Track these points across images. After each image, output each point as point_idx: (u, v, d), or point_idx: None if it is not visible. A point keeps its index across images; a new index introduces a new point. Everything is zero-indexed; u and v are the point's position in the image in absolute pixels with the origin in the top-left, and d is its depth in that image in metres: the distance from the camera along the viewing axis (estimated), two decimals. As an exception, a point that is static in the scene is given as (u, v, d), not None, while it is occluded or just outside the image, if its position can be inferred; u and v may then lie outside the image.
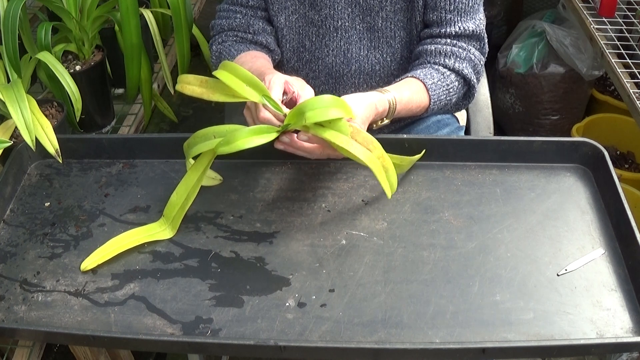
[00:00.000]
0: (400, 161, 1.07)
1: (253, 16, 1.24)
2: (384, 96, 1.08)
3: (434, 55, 1.17)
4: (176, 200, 1.02)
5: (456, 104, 1.22)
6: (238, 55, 1.21)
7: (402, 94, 1.10)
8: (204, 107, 2.66)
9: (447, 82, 1.15)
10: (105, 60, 1.44)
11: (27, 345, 1.08)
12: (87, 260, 0.97)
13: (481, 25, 1.19)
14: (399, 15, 1.19)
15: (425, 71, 1.15)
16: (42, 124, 1.12)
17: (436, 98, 1.14)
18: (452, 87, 1.16)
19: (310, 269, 0.96)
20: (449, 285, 0.93)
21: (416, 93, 1.12)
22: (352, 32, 1.21)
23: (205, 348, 0.88)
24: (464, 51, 1.17)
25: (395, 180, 1.02)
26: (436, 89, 1.13)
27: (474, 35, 1.19)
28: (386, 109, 1.08)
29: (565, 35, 2.11)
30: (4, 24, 1.18)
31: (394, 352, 0.84)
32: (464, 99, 1.22)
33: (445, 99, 1.15)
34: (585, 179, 1.10)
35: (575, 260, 0.96)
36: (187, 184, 1.03)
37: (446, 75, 1.16)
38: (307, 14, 1.21)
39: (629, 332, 0.87)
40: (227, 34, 1.25)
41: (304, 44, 1.23)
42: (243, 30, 1.24)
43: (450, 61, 1.16)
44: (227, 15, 1.26)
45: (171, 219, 1.02)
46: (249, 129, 0.98)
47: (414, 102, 1.12)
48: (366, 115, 1.04)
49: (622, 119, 2.13)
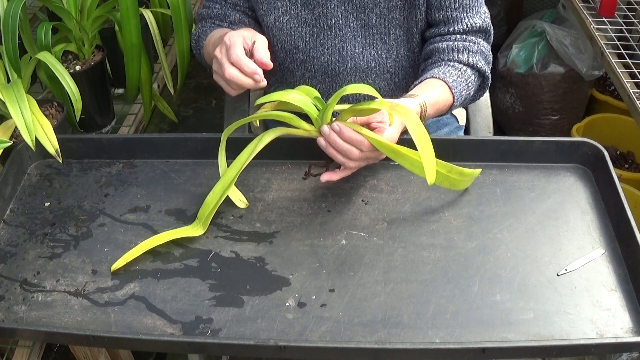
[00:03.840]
0: (460, 175, 1.04)
1: (231, 8, 1.28)
2: (414, 101, 1.07)
3: (447, 52, 1.18)
4: (211, 200, 1.02)
5: (473, 96, 1.23)
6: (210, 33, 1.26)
7: (429, 96, 1.10)
8: (204, 107, 2.66)
9: (465, 77, 1.16)
10: (105, 60, 1.44)
11: (27, 345, 1.08)
12: (118, 262, 0.96)
13: (487, 19, 1.21)
14: (394, 12, 1.19)
15: (443, 69, 1.16)
16: (42, 124, 1.12)
17: (458, 95, 1.15)
18: (470, 81, 1.18)
19: (310, 269, 0.96)
20: (449, 285, 0.93)
21: (441, 93, 1.13)
22: (346, 29, 1.21)
23: (205, 348, 0.88)
24: (474, 45, 1.19)
25: (434, 165, 0.94)
26: (457, 85, 1.14)
27: (481, 30, 1.20)
28: (419, 113, 1.07)
29: (565, 35, 2.11)
30: (4, 24, 1.18)
31: (394, 352, 0.84)
32: (479, 89, 1.23)
33: (465, 93, 1.17)
34: (585, 179, 1.10)
35: (575, 260, 0.96)
36: (224, 182, 1.03)
37: (463, 70, 1.17)
38: (300, 14, 1.22)
39: (629, 332, 0.87)
40: (206, 22, 1.30)
41: (296, 45, 1.24)
42: (220, 19, 1.28)
43: (464, 56, 1.17)
44: (208, 6, 1.31)
45: (204, 219, 1.02)
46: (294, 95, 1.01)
47: (441, 102, 1.12)
48: (399, 122, 1.04)
49: (622, 119, 2.13)
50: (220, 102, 2.64)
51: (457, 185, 1.06)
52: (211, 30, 1.27)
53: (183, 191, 1.10)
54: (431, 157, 0.94)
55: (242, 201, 1.07)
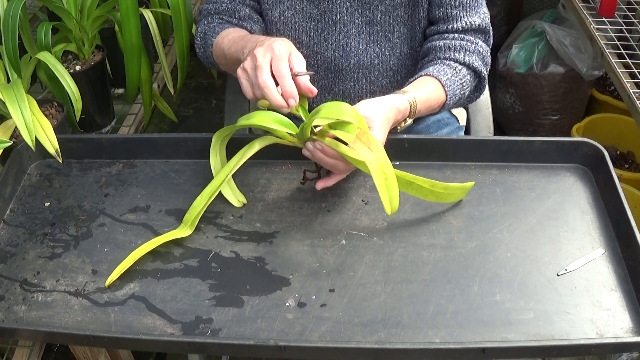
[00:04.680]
0: (444, 189, 1.03)
1: (240, 3, 1.25)
2: (404, 97, 1.08)
3: (443, 50, 1.18)
4: (198, 203, 1.03)
5: (468, 97, 1.23)
6: (222, 31, 1.21)
7: (420, 93, 1.10)
8: (204, 107, 2.66)
9: (460, 77, 1.17)
10: (105, 60, 1.44)
11: (27, 345, 1.08)
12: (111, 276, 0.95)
13: (486, 19, 1.21)
14: (399, 10, 1.20)
15: (438, 67, 1.16)
16: (42, 124, 1.12)
17: (452, 93, 1.15)
18: (465, 81, 1.18)
19: (310, 269, 0.96)
20: (449, 285, 0.93)
21: (433, 90, 1.13)
22: (351, 25, 1.22)
23: (205, 348, 0.88)
24: (472, 44, 1.19)
25: (396, 194, 0.94)
26: (451, 84, 1.15)
27: (479, 29, 1.20)
28: (407, 109, 1.08)
29: (565, 35, 2.11)
30: (4, 24, 1.18)
31: (394, 352, 0.84)
32: (476, 91, 1.24)
33: (459, 93, 1.17)
34: (585, 179, 1.10)
35: (575, 260, 0.96)
36: (212, 187, 1.04)
37: (458, 69, 1.17)
38: (305, 9, 1.22)
39: (629, 332, 0.87)
40: (213, 17, 1.26)
41: (300, 40, 1.24)
42: (229, 15, 1.25)
43: (460, 55, 1.17)
44: (214, 0, 1.27)
45: (190, 222, 1.02)
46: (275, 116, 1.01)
47: (433, 99, 1.13)
48: (387, 119, 1.04)
49: (622, 119, 2.13)
50: (220, 102, 2.64)
51: (445, 198, 1.05)
52: (220, 27, 1.23)
53: (183, 191, 1.10)
54: (391, 189, 0.93)
55: (239, 201, 1.07)
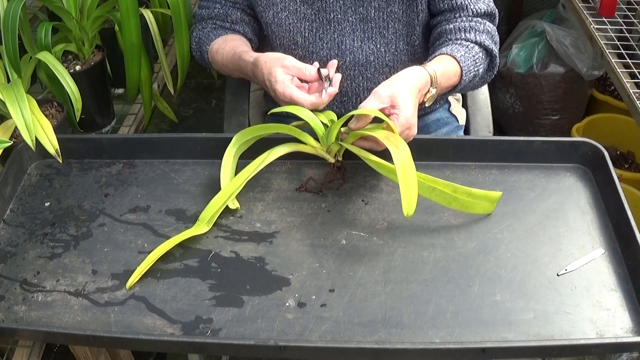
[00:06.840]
0: (468, 196, 1.00)
1: (232, 7, 1.28)
2: (421, 67, 1.10)
3: (454, 32, 1.20)
4: (217, 201, 1.03)
5: (482, 76, 1.24)
6: (216, 39, 1.26)
7: (438, 67, 1.12)
8: (204, 107, 2.66)
9: (473, 54, 1.18)
10: (105, 60, 1.44)
11: (27, 345, 1.08)
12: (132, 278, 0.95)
13: (491, 3, 1.23)
14: (393, 6, 1.21)
15: (451, 47, 1.18)
16: (42, 124, 1.12)
17: (467, 69, 1.16)
18: (478, 58, 1.19)
19: (310, 269, 0.96)
20: (449, 285, 0.93)
21: (450, 65, 1.14)
22: (345, 23, 1.22)
23: (205, 348, 0.88)
24: (481, 25, 1.21)
25: (414, 196, 0.94)
26: (465, 60, 1.16)
27: (486, 14, 1.22)
28: (427, 78, 1.09)
29: (565, 35, 2.11)
30: (4, 24, 1.18)
31: (394, 352, 0.84)
32: (489, 70, 1.25)
33: (474, 69, 1.18)
34: (585, 179, 1.10)
35: (575, 260, 0.96)
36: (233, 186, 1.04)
37: (470, 47, 1.18)
38: (299, 10, 1.22)
39: (629, 332, 0.87)
40: (207, 22, 1.30)
41: (295, 41, 1.24)
42: (221, 19, 1.29)
43: (471, 35, 1.19)
44: (207, 5, 1.30)
45: (207, 220, 1.02)
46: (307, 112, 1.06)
47: (451, 72, 1.14)
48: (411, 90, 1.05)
49: (622, 119, 2.13)
50: (220, 102, 2.64)
51: (470, 207, 1.01)
52: (214, 33, 1.27)
53: (183, 191, 1.10)
54: (411, 190, 0.94)
55: (233, 202, 1.07)
